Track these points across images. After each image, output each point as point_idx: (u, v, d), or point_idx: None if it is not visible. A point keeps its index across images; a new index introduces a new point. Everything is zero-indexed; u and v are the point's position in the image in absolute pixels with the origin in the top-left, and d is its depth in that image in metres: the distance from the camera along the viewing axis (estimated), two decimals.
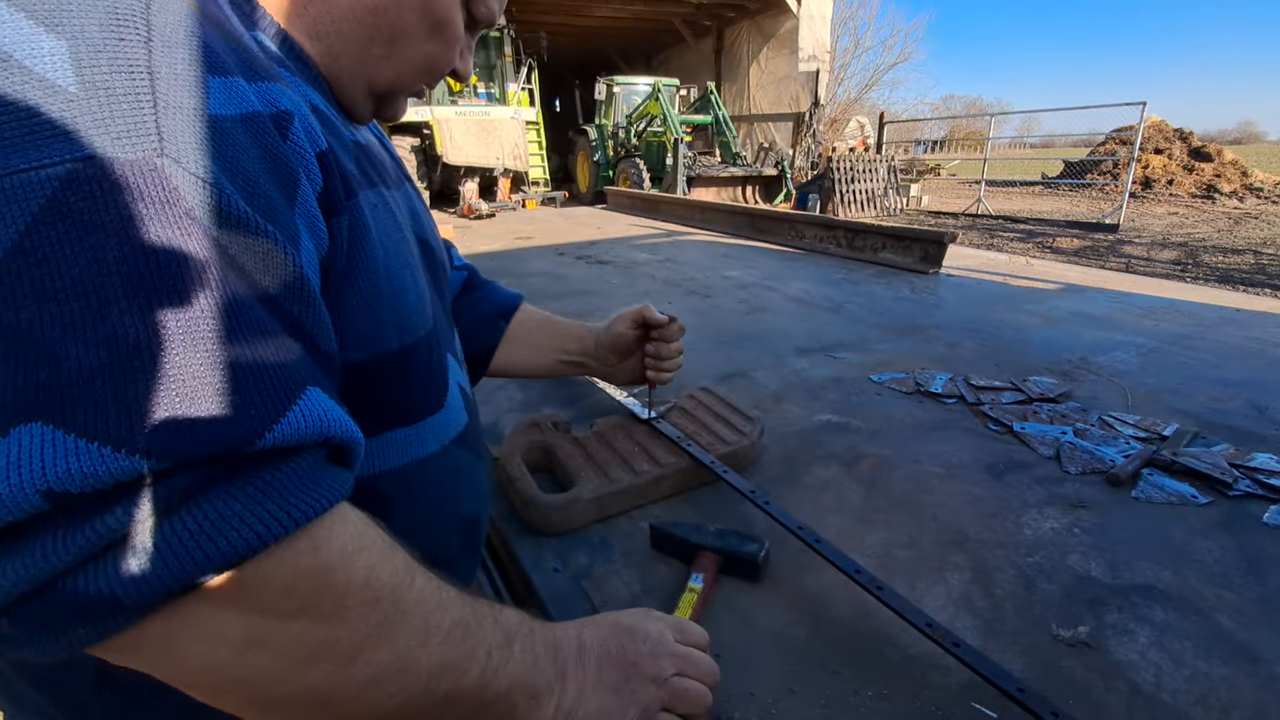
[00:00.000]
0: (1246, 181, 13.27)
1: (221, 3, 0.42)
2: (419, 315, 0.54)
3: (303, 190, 0.40)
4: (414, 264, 0.55)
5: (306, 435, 0.33)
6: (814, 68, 10.60)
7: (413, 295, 0.53)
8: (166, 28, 0.33)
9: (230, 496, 0.31)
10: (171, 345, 0.30)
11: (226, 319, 0.31)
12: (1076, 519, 0.90)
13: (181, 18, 0.34)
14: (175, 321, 0.30)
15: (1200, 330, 1.77)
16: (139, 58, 0.31)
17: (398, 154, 0.72)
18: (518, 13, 9.52)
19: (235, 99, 0.36)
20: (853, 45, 23.31)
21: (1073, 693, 0.62)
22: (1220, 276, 6.02)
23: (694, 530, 0.79)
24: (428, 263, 0.61)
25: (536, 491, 0.87)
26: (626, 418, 1.08)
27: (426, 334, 0.54)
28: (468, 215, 6.21)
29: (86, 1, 0.31)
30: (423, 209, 0.67)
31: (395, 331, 0.50)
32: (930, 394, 1.32)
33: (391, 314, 0.50)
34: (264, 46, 0.45)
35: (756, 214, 3.77)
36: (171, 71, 0.33)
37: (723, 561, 0.76)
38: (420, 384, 0.55)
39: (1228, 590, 0.76)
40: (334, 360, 0.41)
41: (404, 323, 0.51)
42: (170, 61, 0.33)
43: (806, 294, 2.27)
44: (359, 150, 0.52)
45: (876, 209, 10.38)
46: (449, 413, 0.59)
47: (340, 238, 0.44)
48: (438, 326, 0.58)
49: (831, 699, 0.61)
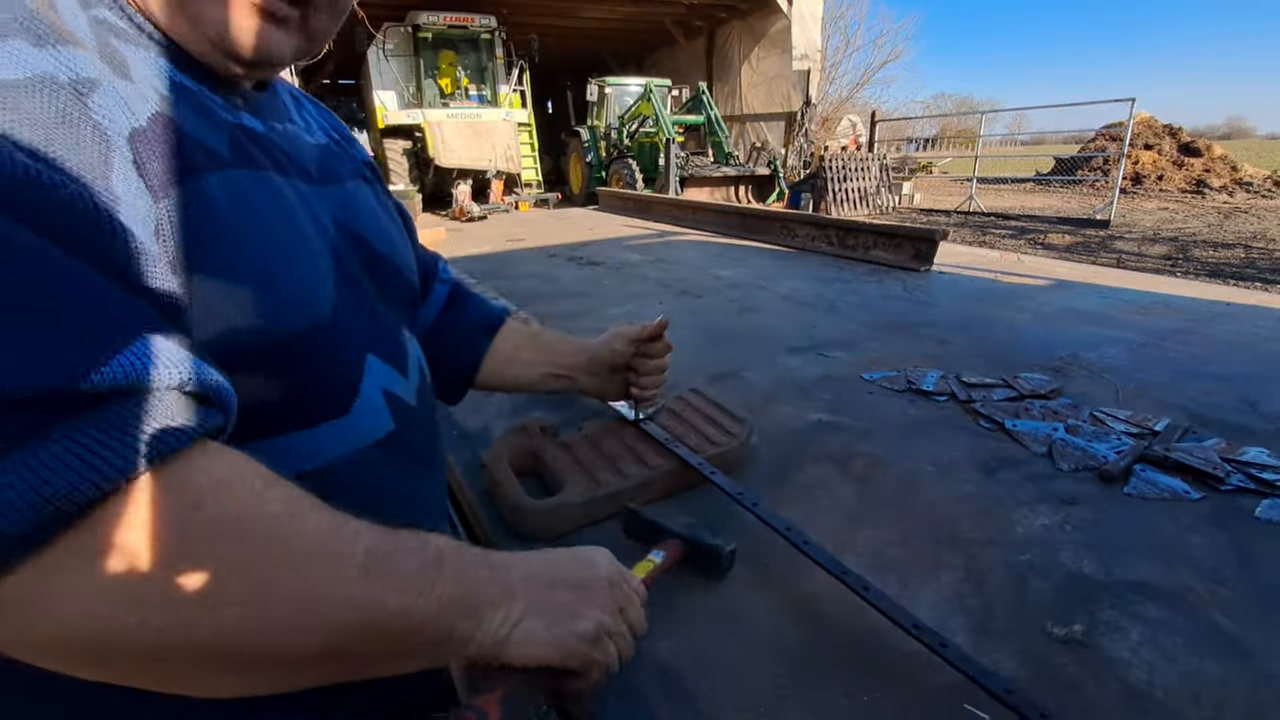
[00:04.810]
0: (1236, 176, 13.37)
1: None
2: (299, 307, 0.49)
3: (117, 158, 0.38)
4: (303, 252, 0.50)
5: (151, 376, 0.32)
6: (806, 67, 10.61)
7: (283, 284, 0.47)
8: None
9: (79, 433, 0.30)
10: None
11: (30, 270, 0.31)
12: (1068, 516, 0.89)
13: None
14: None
15: (1191, 325, 1.77)
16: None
17: (366, 156, 0.71)
18: (509, 14, 9.49)
19: (14, 62, 0.34)
20: (844, 44, 23.45)
21: (1065, 691, 0.61)
22: (1211, 271, 6.05)
23: (665, 516, 0.78)
24: (362, 260, 0.59)
25: (524, 496, 0.86)
26: (615, 420, 1.07)
27: (311, 328, 0.49)
28: (460, 218, 6.19)
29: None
30: (373, 210, 0.65)
31: (254, 324, 0.45)
32: (922, 392, 1.32)
33: (243, 305, 0.45)
34: (103, 21, 0.42)
35: (748, 213, 3.78)
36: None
37: (687, 550, 0.75)
38: (307, 384, 0.50)
39: (1220, 586, 0.75)
40: (179, 310, 0.39)
41: (268, 314, 0.46)
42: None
43: (798, 293, 2.26)
44: (242, 133, 0.50)
45: (869, 207, 10.39)
46: (355, 418, 0.54)
47: (169, 218, 0.41)
48: (345, 324, 0.53)
49: (824, 704, 0.60)
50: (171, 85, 0.45)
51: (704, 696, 0.61)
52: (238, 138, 0.49)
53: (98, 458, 0.30)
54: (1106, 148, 13.44)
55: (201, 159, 0.44)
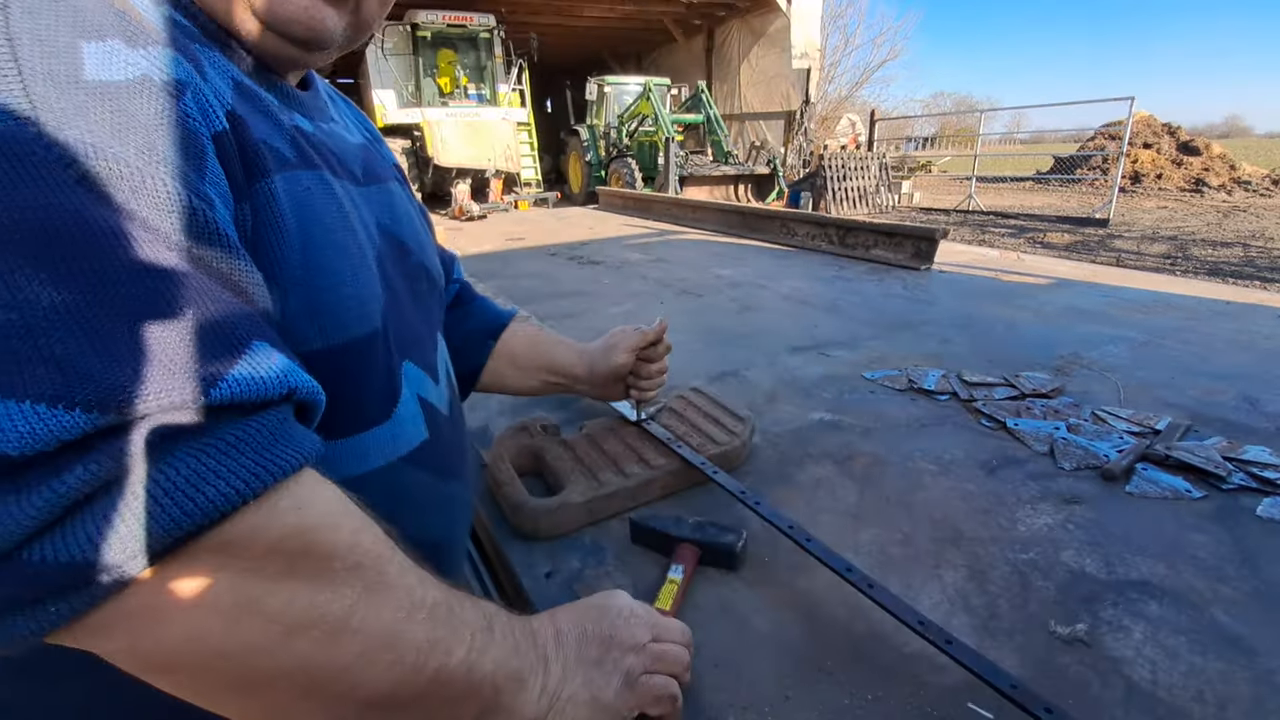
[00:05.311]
0: (1234, 175, 13.38)
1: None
2: (355, 313, 0.49)
3: (210, 162, 0.38)
4: (358, 257, 0.50)
5: (266, 387, 0.32)
6: (805, 65, 10.60)
7: (347, 290, 0.48)
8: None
9: (201, 452, 0.30)
10: (91, 305, 0.28)
11: (145, 276, 0.30)
12: (1071, 515, 0.89)
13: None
14: (91, 283, 0.29)
15: (1191, 323, 1.77)
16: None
17: (394, 158, 0.70)
18: (508, 13, 9.48)
19: (115, 63, 0.34)
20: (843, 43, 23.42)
21: (1069, 690, 0.61)
22: (1210, 269, 6.05)
23: (673, 523, 0.79)
24: (401, 265, 0.59)
25: (526, 496, 0.86)
26: (616, 420, 1.07)
27: (367, 335, 0.50)
28: (459, 217, 6.19)
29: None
30: (408, 213, 0.65)
31: (317, 329, 0.46)
32: (923, 391, 1.32)
33: (310, 309, 0.45)
34: (174, 21, 0.42)
35: (748, 212, 3.77)
36: (34, 38, 0.31)
37: (701, 553, 0.76)
38: (356, 391, 0.50)
39: (1222, 584, 0.75)
40: (272, 316, 0.40)
41: (329, 319, 0.47)
42: (32, 27, 0.31)
43: (799, 292, 2.26)
44: (299, 134, 0.50)
45: (868, 206, 10.39)
46: (396, 426, 0.54)
47: (244, 224, 0.41)
48: (390, 330, 0.53)
49: (828, 703, 0.60)
50: (235, 85, 0.45)
51: (708, 695, 0.61)
52: (296, 138, 0.50)
53: (231, 474, 0.30)
54: (1105, 146, 13.45)
55: (270, 160, 0.44)
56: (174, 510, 0.28)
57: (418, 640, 0.37)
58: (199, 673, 0.32)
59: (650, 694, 0.50)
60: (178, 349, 0.30)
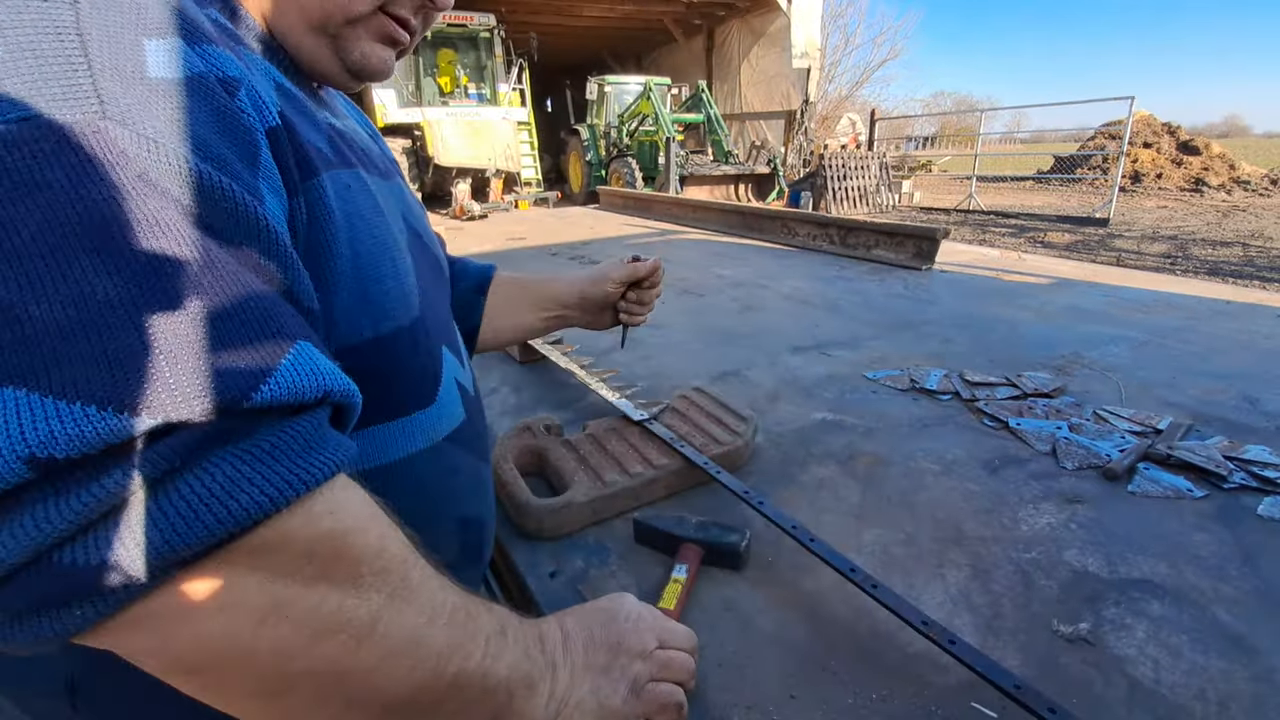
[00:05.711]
0: (1234, 174, 13.38)
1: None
2: (400, 302, 0.51)
3: (264, 156, 0.38)
4: (396, 249, 0.52)
5: (305, 390, 0.32)
6: (805, 65, 10.60)
7: (391, 282, 0.50)
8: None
9: (237, 458, 0.30)
10: (146, 303, 0.29)
11: (199, 274, 0.31)
12: (1073, 514, 0.89)
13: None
14: (146, 279, 0.29)
15: (1192, 323, 1.77)
16: (66, 19, 0.30)
17: (392, 154, 0.71)
18: (508, 13, 9.48)
19: (175, 60, 0.34)
20: (843, 42, 23.43)
21: (1072, 689, 0.61)
22: (1210, 269, 6.05)
23: (676, 523, 0.80)
24: (424, 256, 0.60)
25: (529, 496, 0.86)
26: (619, 419, 1.07)
27: (410, 323, 0.52)
28: (460, 216, 6.19)
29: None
30: (416, 205, 0.66)
31: (369, 320, 0.48)
32: (925, 390, 1.32)
33: (361, 301, 0.47)
34: (217, 22, 0.43)
35: (749, 212, 3.77)
36: (103, 33, 0.31)
37: (705, 553, 0.77)
38: (404, 376, 0.53)
39: (1224, 583, 0.76)
40: (316, 318, 0.40)
41: (378, 310, 0.49)
42: (101, 23, 0.31)
43: (800, 292, 2.26)
44: (334, 133, 0.51)
45: (869, 206, 10.39)
46: (441, 408, 0.56)
47: (299, 219, 0.42)
48: (427, 316, 0.55)
49: (832, 703, 0.61)
50: (277, 85, 0.46)
51: (713, 695, 0.61)
52: (332, 137, 0.51)
53: (267, 481, 0.30)
54: (1105, 146, 13.44)
55: (314, 158, 0.45)
56: (208, 517, 0.29)
57: (438, 645, 0.38)
58: (225, 674, 0.32)
59: (656, 702, 0.50)
60: (220, 351, 0.30)
